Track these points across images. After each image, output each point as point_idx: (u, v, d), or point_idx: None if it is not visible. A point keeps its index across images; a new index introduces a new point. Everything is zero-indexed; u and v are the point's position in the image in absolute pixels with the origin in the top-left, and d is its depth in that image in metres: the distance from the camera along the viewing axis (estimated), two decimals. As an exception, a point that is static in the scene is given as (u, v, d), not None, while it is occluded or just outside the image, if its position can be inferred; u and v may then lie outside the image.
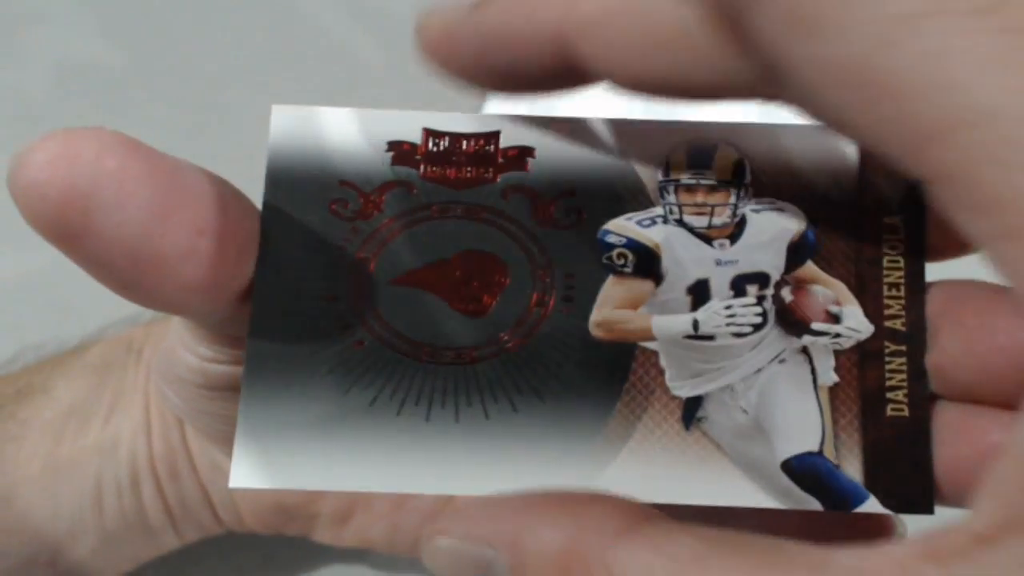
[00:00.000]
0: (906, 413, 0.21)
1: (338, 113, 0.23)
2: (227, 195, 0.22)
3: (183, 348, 0.25)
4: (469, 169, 0.23)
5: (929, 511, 0.21)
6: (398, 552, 0.31)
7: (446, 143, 0.23)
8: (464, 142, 0.23)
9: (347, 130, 0.23)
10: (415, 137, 0.23)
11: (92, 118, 0.52)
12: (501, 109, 0.23)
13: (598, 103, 0.25)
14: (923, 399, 0.21)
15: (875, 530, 0.23)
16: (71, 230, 0.19)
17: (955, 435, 0.20)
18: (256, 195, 0.22)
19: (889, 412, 0.21)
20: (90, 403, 0.30)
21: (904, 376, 0.21)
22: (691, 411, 0.21)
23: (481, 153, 0.23)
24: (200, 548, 0.33)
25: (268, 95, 0.54)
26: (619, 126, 0.23)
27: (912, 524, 0.23)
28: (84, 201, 0.19)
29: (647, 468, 0.21)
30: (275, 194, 0.22)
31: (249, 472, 0.21)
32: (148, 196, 0.20)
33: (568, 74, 0.20)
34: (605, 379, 0.21)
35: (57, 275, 0.42)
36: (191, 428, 0.29)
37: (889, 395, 0.21)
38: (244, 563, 0.35)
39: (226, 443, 0.28)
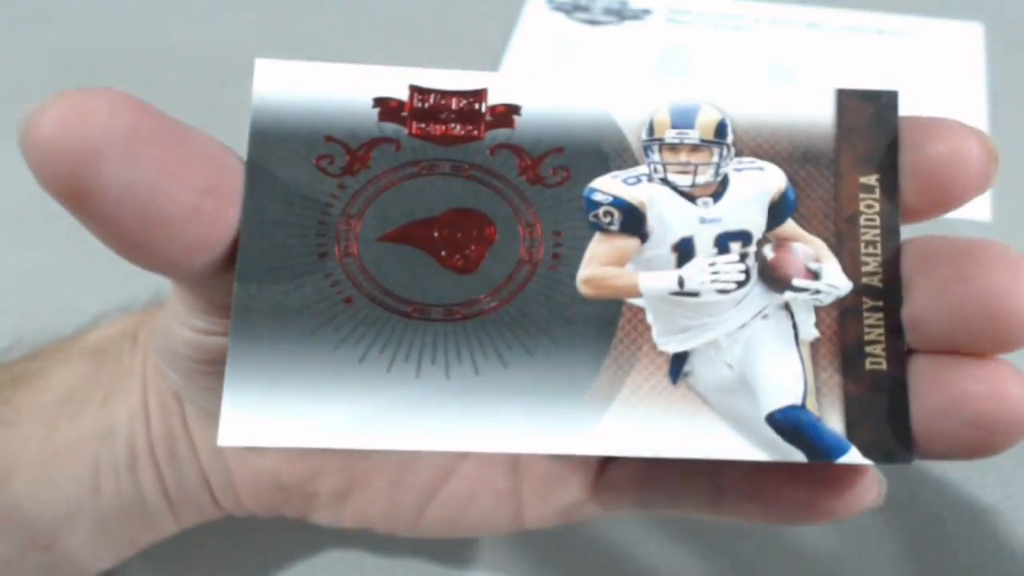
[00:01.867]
0: (884, 367, 0.22)
1: (323, 68, 0.23)
2: (228, 157, 0.22)
3: (178, 323, 0.25)
4: (456, 126, 0.23)
5: (908, 461, 0.21)
6: (397, 530, 0.31)
7: (433, 100, 0.23)
8: (451, 99, 0.23)
9: (333, 85, 0.23)
10: (402, 94, 0.23)
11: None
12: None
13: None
14: (900, 352, 0.22)
15: (854, 477, 0.24)
16: (81, 187, 0.20)
17: (930, 386, 0.21)
18: None
19: (868, 366, 0.22)
20: (86, 388, 0.29)
21: (881, 331, 0.22)
22: (678, 366, 0.22)
23: (468, 110, 0.23)
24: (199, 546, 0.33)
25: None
26: (604, 85, 0.23)
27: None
28: (95, 159, 0.19)
29: (636, 422, 0.21)
30: (259, 149, 0.22)
31: (238, 429, 0.21)
32: (157, 155, 0.20)
33: None
34: (593, 335, 0.22)
35: (54, 268, 0.42)
36: (191, 411, 0.29)
37: (868, 349, 0.22)
38: (243, 561, 0.35)
39: None
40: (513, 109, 0.23)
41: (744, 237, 0.22)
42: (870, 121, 0.23)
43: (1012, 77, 0.56)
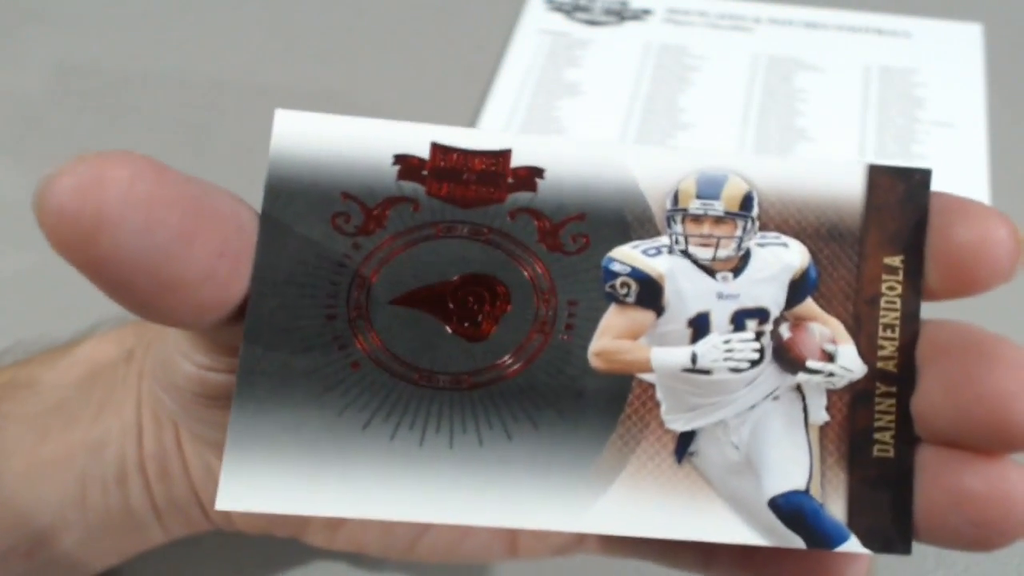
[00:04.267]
0: (891, 454, 0.21)
1: (344, 122, 0.22)
2: (244, 214, 0.21)
3: (180, 356, 0.25)
4: (477, 187, 0.22)
5: (907, 551, 0.21)
6: (391, 557, 0.31)
7: (454, 159, 0.22)
8: (473, 159, 0.22)
9: (353, 140, 0.22)
10: (423, 151, 0.22)
11: (92, 119, 0.52)
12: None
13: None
14: (909, 442, 0.21)
15: (847, 560, 0.24)
16: (97, 255, 0.19)
17: (934, 480, 0.21)
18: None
19: (875, 453, 0.21)
20: (78, 401, 0.29)
21: (892, 418, 0.22)
22: (684, 445, 0.21)
23: (490, 172, 0.22)
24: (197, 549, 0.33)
25: (268, 96, 0.54)
26: (630, 150, 0.22)
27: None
28: (112, 227, 0.19)
29: (637, 501, 0.21)
30: (275, 203, 0.21)
31: (237, 493, 0.20)
32: (175, 222, 0.20)
33: None
34: (601, 410, 0.21)
35: (49, 273, 0.42)
36: (186, 432, 0.29)
37: (876, 435, 0.22)
38: (243, 561, 0.36)
39: (222, 449, 0.28)
40: (536, 172, 0.22)
41: (761, 315, 0.22)
42: (900, 199, 0.22)
43: (1012, 77, 0.56)
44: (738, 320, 0.22)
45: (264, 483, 0.20)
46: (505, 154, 0.22)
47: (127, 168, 0.19)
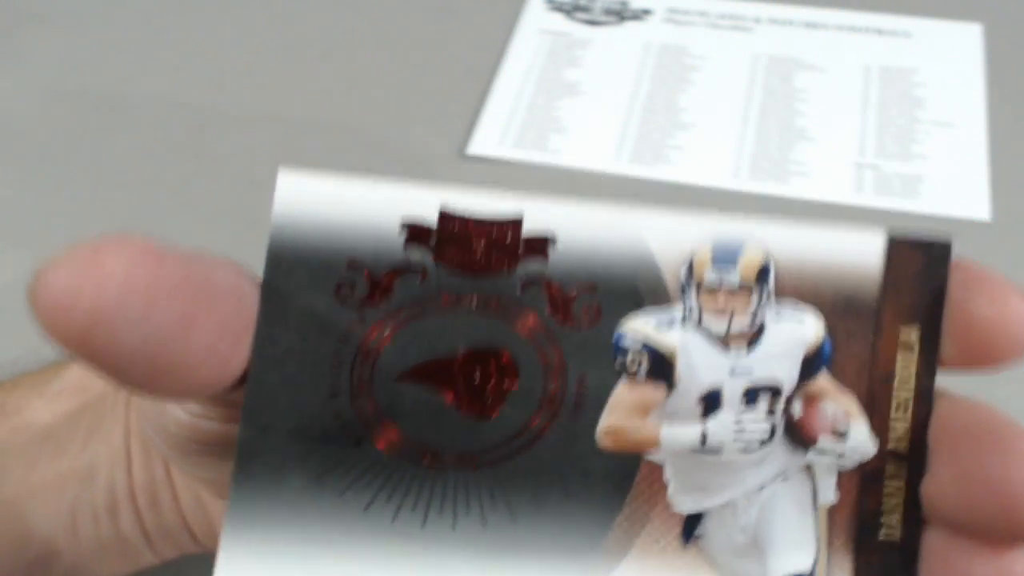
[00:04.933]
0: (898, 537, 0.21)
1: (349, 184, 0.21)
2: (245, 287, 0.21)
3: (173, 403, 0.24)
4: (486, 256, 0.21)
5: None
6: None
7: (464, 227, 0.21)
8: (483, 228, 0.21)
9: (359, 204, 0.21)
10: (431, 216, 0.21)
11: (91, 120, 0.52)
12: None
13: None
14: (915, 525, 0.21)
15: None
16: (94, 346, 0.19)
17: (939, 565, 0.21)
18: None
19: (882, 535, 0.21)
20: (67, 428, 0.29)
21: (900, 500, 0.21)
22: (691, 527, 0.21)
23: (501, 240, 0.21)
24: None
25: (267, 92, 0.54)
26: (644, 215, 0.22)
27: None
28: (110, 319, 0.18)
29: None
30: (276, 272, 0.21)
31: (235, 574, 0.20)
32: (175, 308, 0.19)
33: None
34: (608, 490, 0.21)
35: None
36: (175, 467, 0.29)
37: (883, 519, 0.21)
38: None
39: (212, 485, 0.27)
40: (548, 240, 0.21)
41: (774, 391, 0.22)
42: (919, 272, 0.22)
43: (1011, 77, 0.56)
44: (750, 396, 0.21)
45: (262, 565, 0.20)
46: (516, 223, 0.22)
47: (125, 258, 0.19)
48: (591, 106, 0.54)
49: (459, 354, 0.21)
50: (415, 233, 0.21)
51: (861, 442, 0.21)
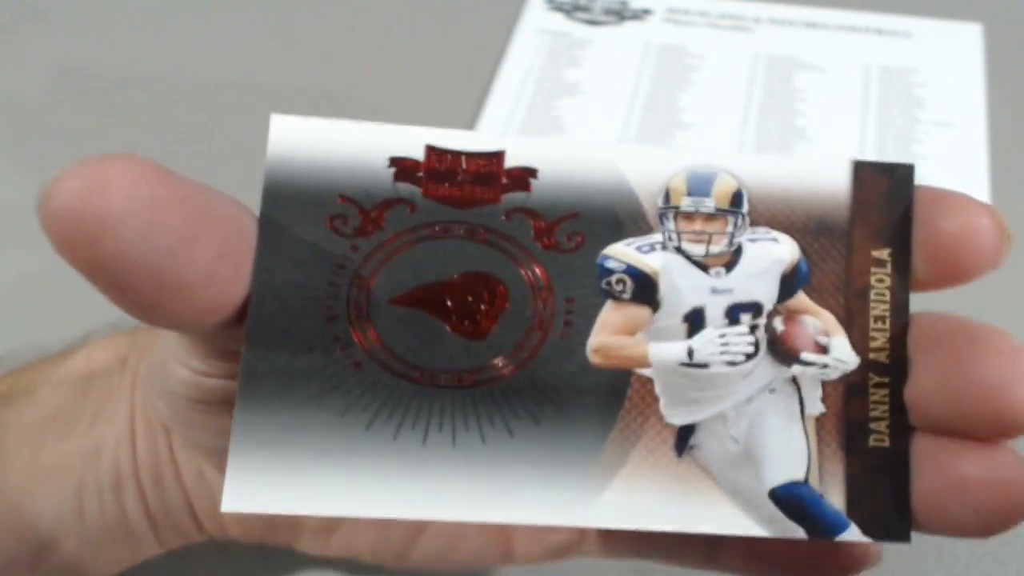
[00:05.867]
0: (887, 444, 0.22)
1: (339, 126, 0.22)
2: (244, 218, 0.22)
3: (175, 362, 0.25)
4: (471, 188, 0.22)
5: (906, 539, 0.21)
6: (384, 562, 0.31)
7: (449, 161, 0.22)
8: (467, 161, 0.22)
9: (348, 144, 0.22)
10: (417, 154, 0.22)
11: (91, 119, 0.52)
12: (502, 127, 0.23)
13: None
14: (903, 431, 0.22)
15: (854, 552, 0.24)
16: (99, 257, 0.19)
17: (930, 467, 0.21)
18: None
19: (871, 443, 0.22)
20: (74, 409, 0.29)
21: (886, 408, 0.22)
22: (684, 439, 0.22)
23: (484, 172, 0.22)
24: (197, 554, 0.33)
25: (267, 96, 0.54)
26: (620, 150, 0.23)
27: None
28: (115, 230, 0.19)
29: (640, 495, 0.21)
30: (272, 208, 0.22)
31: (242, 496, 0.21)
32: (177, 224, 0.20)
33: None
34: (601, 405, 0.22)
35: (43, 280, 0.42)
36: (178, 438, 0.29)
37: (872, 426, 0.22)
38: (237, 572, 0.36)
39: (214, 454, 0.28)
40: (529, 172, 0.22)
41: (755, 308, 0.22)
42: (885, 194, 0.23)
43: (1012, 77, 0.56)
44: (732, 314, 0.22)
45: (269, 484, 0.21)
46: (498, 155, 0.23)
47: (131, 171, 0.20)
48: (591, 106, 0.54)
49: (451, 278, 0.22)
50: (403, 169, 0.22)
51: (843, 354, 0.22)
